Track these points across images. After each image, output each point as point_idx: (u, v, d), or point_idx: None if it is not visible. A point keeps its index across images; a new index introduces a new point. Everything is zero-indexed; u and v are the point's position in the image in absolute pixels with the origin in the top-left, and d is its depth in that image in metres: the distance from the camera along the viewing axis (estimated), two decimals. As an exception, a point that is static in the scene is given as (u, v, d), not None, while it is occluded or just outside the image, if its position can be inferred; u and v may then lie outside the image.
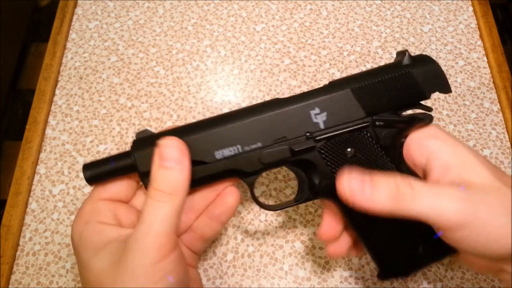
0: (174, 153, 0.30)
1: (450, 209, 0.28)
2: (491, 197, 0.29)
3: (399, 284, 0.42)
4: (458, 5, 0.59)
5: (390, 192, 0.29)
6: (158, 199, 0.29)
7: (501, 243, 0.28)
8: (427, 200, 0.28)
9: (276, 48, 0.56)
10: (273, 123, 0.31)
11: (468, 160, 0.31)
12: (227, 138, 0.31)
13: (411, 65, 0.32)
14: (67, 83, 0.54)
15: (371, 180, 0.29)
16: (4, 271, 0.44)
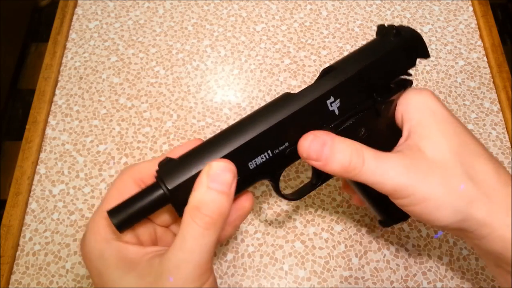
0: (228, 177, 0.28)
1: (389, 180, 0.30)
2: (435, 170, 0.30)
3: (399, 284, 0.43)
4: (458, 5, 0.59)
5: (343, 163, 0.31)
6: (203, 226, 0.27)
7: (435, 218, 0.30)
8: (373, 171, 0.30)
9: (276, 48, 0.56)
10: (295, 122, 0.31)
11: (429, 131, 0.32)
12: (257, 147, 0.31)
13: (398, 38, 0.33)
14: (67, 83, 0.54)
15: (331, 147, 0.31)
16: (4, 271, 0.44)
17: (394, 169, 0.30)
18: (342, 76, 0.32)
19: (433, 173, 0.30)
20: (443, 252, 0.44)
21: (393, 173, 0.30)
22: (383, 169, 0.30)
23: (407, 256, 0.44)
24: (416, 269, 0.43)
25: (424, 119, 0.32)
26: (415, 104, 0.33)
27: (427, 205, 0.30)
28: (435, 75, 0.54)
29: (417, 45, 0.34)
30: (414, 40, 0.34)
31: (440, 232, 0.44)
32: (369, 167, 0.30)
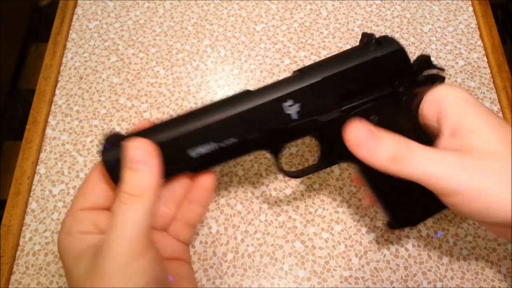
0: (141, 154, 0.30)
1: (443, 175, 0.29)
2: (492, 165, 0.29)
3: (399, 284, 0.42)
4: (458, 5, 0.59)
5: (392, 153, 0.30)
6: (127, 202, 0.29)
7: (499, 211, 0.28)
8: (423, 165, 0.29)
9: (276, 48, 0.56)
10: (246, 119, 0.31)
11: (476, 125, 0.30)
12: (199, 137, 0.31)
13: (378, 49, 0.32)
14: (67, 83, 0.55)
15: (377, 136, 0.30)
16: (4, 271, 0.44)
17: (446, 166, 0.29)
18: (305, 82, 0.31)
19: (489, 167, 0.29)
20: (443, 252, 0.44)
21: (446, 169, 0.29)
22: (434, 164, 0.29)
23: (407, 256, 0.44)
24: (416, 269, 0.43)
25: (468, 114, 0.31)
26: (453, 100, 0.31)
27: (487, 201, 0.28)
28: (435, 75, 0.54)
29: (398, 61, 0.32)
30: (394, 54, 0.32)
31: (440, 232, 0.44)
32: (419, 160, 0.29)
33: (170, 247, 0.36)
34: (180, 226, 0.36)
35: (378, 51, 0.32)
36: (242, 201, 0.47)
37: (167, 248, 0.35)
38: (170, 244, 0.36)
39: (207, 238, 0.45)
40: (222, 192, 0.47)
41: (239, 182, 0.48)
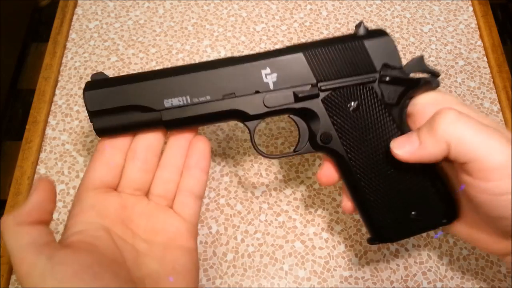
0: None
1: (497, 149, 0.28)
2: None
3: (399, 284, 0.43)
4: (458, 5, 0.59)
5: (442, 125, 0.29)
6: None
7: None
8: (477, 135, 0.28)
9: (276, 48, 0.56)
10: (224, 78, 0.32)
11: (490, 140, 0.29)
12: (177, 88, 0.32)
13: (365, 36, 0.33)
14: (67, 83, 0.54)
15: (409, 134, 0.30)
16: (4, 271, 0.44)
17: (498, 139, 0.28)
18: (286, 53, 0.32)
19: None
20: (443, 252, 0.44)
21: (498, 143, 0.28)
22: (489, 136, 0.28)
23: (407, 256, 0.44)
24: (416, 269, 0.43)
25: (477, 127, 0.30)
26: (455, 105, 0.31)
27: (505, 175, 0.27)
28: (435, 75, 0.54)
29: (385, 51, 0.32)
30: (382, 44, 0.32)
31: (440, 232, 0.44)
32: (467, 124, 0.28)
33: (174, 227, 0.36)
34: (185, 197, 0.36)
35: (364, 37, 0.33)
36: (242, 201, 0.47)
37: (170, 228, 0.35)
38: (174, 223, 0.36)
39: (207, 238, 0.45)
40: (222, 192, 0.47)
41: (239, 182, 0.48)
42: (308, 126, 0.34)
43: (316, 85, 0.32)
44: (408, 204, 0.33)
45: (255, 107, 0.32)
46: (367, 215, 0.34)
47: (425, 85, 0.32)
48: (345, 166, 0.33)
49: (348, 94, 0.32)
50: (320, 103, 0.32)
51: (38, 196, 0.30)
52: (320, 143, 0.33)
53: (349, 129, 0.32)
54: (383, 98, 0.32)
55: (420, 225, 0.33)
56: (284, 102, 0.32)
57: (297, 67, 0.32)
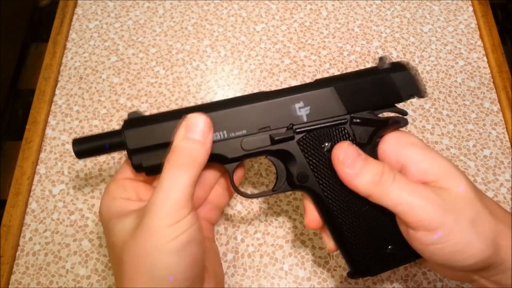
0: (202, 127, 0.31)
1: (420, 208, 0.29)
2: (462, 208, 0.30)
3: (399, 284, 0.42)
4: (458, 5, 0.59)
5: (375, 175, 0.30)
6: (178, 168, 0.30)
7: (463, 255, 0.29)
8: (403, 193, 0.30)
9: (276, 48, 0.56)
10: (260, 113, 0.33)
11: (447, 169, 0.31)
12: (216, 124, 0.33)
13: (388, 69, 0.34)
14: (67, 83, 0.54)
15: (365, 159, 0.31)
16: (4, 271, 0.44)
17: (425, 199, 0.29)
18: (318, 87, 0.34)
19: (462, 209, 0.29)
20: (443, 252, 0.44)
21: (424, 203, 0.29)
22: (413, 195, 0.30)
23: (407, 256, 0.44)
24: (416, 269, 0.43)
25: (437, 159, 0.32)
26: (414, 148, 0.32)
27: (459, 242, 0.29)
28: (435, 75, 0.54)
29: (408, 84, 0.34)
30: (404, 77, 0.34)
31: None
32: (399, 186, 0.30)
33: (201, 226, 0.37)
34: (210, 208, 0.39)
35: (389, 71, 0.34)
36: (242, 201, 0.47)
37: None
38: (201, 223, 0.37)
39: (207, 238, 0.45)
40: (222, 192, 0.47)
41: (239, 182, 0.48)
42: (286, 166, 0.35)
43: (291, 128, 0.33)
44: (384, 239, 0.34)
45: (233, 150, 0.33)
46: (346, 250, 0.35)
47: (394, 125, 0.34)
48: (322, 204, 0.34)
49: (322, 136, 0.34)
50: (296, 145, 0.34)
51: None
52: (298, 183, 0.34)
53: (324, 168, 0.34)
54: (355, 138, 0.33)
55: (396, 259, 0.34)
56: (261, 145, 0.34)
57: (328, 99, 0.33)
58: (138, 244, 0.30)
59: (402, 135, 0.34)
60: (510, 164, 0.48)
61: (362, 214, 0.33)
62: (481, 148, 0.49)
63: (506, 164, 0.48)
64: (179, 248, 0.29)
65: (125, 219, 0.32)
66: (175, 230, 0.30)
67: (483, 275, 0.31)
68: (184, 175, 0.30)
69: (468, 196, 0.30)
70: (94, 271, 0.44)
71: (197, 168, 0.31)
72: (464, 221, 0.29)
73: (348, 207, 0.33)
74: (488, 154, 0.49)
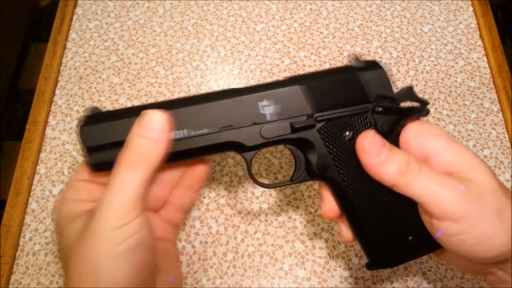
0: (157, 124, 0.30)
1: (446, 198, 0.29)
2: (487, 199, 0.29)
3: (399, 284, 0.42)
4: (458, 5, 0.59)
5: (401, 165, 0.30)
6: (129, 167, 0.29)
7: (487, 247, 0.29)
8: (429, 183, 0.29)
9: (276, 48, 0.56)
10: (221, 111, 0.32)
11: (471, 160, 0.31)
12: (175, 122, 0.32)
13: (360, 68, 0.34)
14: (67, 83, 0.54)
15: (390, 148, 0.31)
16: (4, 271, 0.44)
17: (451, 189, 0.29)
18: (283, 86, 0.33)
19: (487, 199, 0.29)
20: (443, 252, 0.44)
21: (450, 193, 0.29)
22: (439, 185, 0.29)
23: (407, 256, 0.44)
24: (416, 269, 0.43)
25: (462, 150, 0.31)
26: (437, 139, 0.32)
27: (483, 233, 0.28)
28: (435, 75, 0.54)
29: (378, 82, 0.33)
30: (375, 76, 0.33)
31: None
32: (425, 176, 0.29)
33: (161, 228, 0.37)
34: (172, 210, 0.37)
35: (359, 69, 0.33)
36: (242, 201, 0.47)
37: (157, 229, 0.36)
38: (160, 226, 0.37)
39: (207, 238, 0.45)
40: (222, 192, 0.47)
41: (239, 182, 0.48)
42: (305, 156, 0.34)
43: (312, 116, 0.33)
44: (405, 230, 0.33)
45: (252, 138, 0.33)
46: (365, 242, 0.34)
47: (416, 114, 0.34)
48: (342, 194, 0.34)
49: (343, 124, 0.33)
50: (316, 133, 0.33)
51: None
52: (317, 172, 0.34)
53: (345, 158, 0.33)
54: (377, 127, 0.33)
55: (416, 250, 0.34)
56: (281, 133, 0.33)
57: (293, 99, 0.33)
58: (83, 248, 0.29)
59: (425, 125, 0.33)
60: (510, 164, 0.48)
61: (383, 204, 0.33)
62: (481, 148, 0.49)
63: (506, 164, 0.48)
64: (125, 252, 0.28)
65: (74, 221, 0.31)
66: (122, 233, 0.28)
67: (502, 267, 0.31)
68: (135, 175, 0.29)
69: (493, 187, 0.30)
70: (94, 271, 0.44)
71: (149, 167, 0.29)
72: (489, 212, 0.29)
73: (370, 197, 0.33)
74: (488, 154, 0.49)
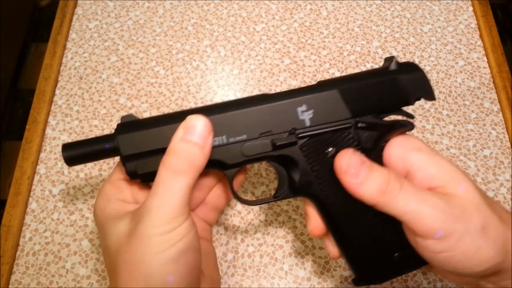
0: (201, 129, 0.30)
1: (429, 216, 0.28)
2: (471, 214, 0.29)
3: (399, 284, 0.42)
4: (458, 5, 0.59)
5: (381, 184, 0.29)
6: (174, 172, 0.29)
7: (473, 262, 0.29)
8: (411, 202, 0.29)
9: (276, 48, 0.56)
10: (260, 117, 0.32)
11: (454, 174, 0.31)
12: (215, 127, 0.31)
13: (398, 71, 0.32)
14: (67, 83, 0.54)
15: (369, 167, 0.30)
16: (4, 271, 0.44)
17: (433, 207, 0.29)
18: (321, 90, 0.32)
19: (471, 215, 0.29)
20: (443, 252, 0.44)
21: (432, 211, 0.28)
22: (421, 203, 0.29)
23: (407, 256, 0.44)
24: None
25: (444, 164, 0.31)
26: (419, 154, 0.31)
27: (469, 249, 0.28)
28: (435, 75, 0.54)
29: (418, 85, 0.32)
30: (415, 78, 0.32)
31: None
32: (406, 194, 0.29)
33: (199, 228, 0.36)
34: (208, 209, 0.38)
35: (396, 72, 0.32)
36: (242, 201, 0.47)
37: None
38: (199, 225, 0.37)
39: (207, 238, 0.45)
40: (222, 192, 0.47)
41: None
42: (288, 172, 0.34)
43: (294, 133, 0.32)
44: (390, 247, 0.33)
45: (233, 156, 0.32)
46: (351, 258, 0.34)
47: (400, 129, 0.33)
48: (326, 211, 0.33)
49: (325, 141, 0.32)
50: (298, 150, 0.32)
51: None
52: (300, 189, 0.33)
53: (328, 175, 0.32)
54: (360, 143, 0.32)
55: (402, 266, 0.33)
56: (262, 150, 0.32)
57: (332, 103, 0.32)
58: (132, 251, 0.29)
59: (407, 139, 0.33)
60: (510, 164, 0.48)
61: (367, 221, 0.32)
62: (481, 148, 0.49)
63: (506, 164, 0.48)
64: (175, 257, 0.29)
65: (120, 221, 0.31)
66: (171, 238, 0.29)
67: (491, 280, 0.31)
68: (181, 180, 0.29)
69: (477, 201, 0.29)
70: (94, 271, 0.44)
71: (194, 172, 0.30)
72: (474, 227, 0.28)
73: (353, 215, 0.32)
74: (488, 154, 0.49)
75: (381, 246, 0.33)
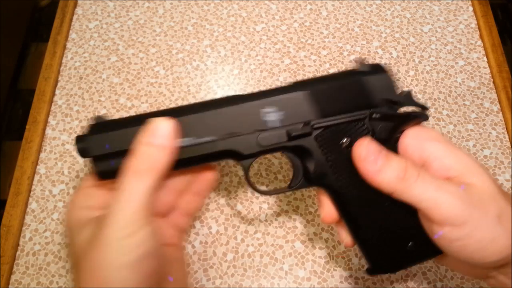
0: (163, 131, 0.30)
1: (446, 203, 0.29)
2: (488, 203, 0.29)
3: (399, 284, 0.42)
4: (458, 5, 0.59)
5: (399, 171, 0.30)
6: (136, 175, 0.29)
7: (488, 252, 0.29)
8: (428, 189, 0.29)
9: (276, 48, 0.56)
10: (225, 119, 0.32)
11: (471, 165, 0.31)
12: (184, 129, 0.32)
13: (364, 72, 0.33)
14: (67, 83, 0.54)
15: (386, 155, 0.30)
16: (4, 271, 0.44)
17: (451, 194, 0.29)
18: (286, 91, 0.32)
19: (488, 204, 0.29)
20: (443, 252, 0.44)
21: (450, 198, 0.29)
22: (439, 191, 0.29)
23: (407, 256, 0.44)
24: (416, 269, 0.43)
25: (461, 154, 0.31)
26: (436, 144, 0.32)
27: (484, 238, 0.28)
28: (435, 75, 0.54)
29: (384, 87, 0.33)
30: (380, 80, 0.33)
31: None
32: (424, 181, 0.29)
33: (168, 234, 0.37)
34: (179, 215, 0.38)
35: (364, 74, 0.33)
36: (242, 201, 0.47)
37: (165, 235, 0.36)
38: (168, 232, 0.37)
39: (207, 238, 0.45)
40: (222, 192, 0.47)
41: (239, 182, 0.48)
42: (303, 163, 0.34)
43: (309, 123, 0.32)
44: (405, 236, 0.33)
45: (249, 146, 0.32)
46: (365, 248, 0.34)
47: (415, 119, 0.33)
48: (341, 201, 0.33)
49: (340, 131, 0.32)
50: (313, 141, 0.33)
51: None
52: (315, 179, 0.33)
53: (343, 165, 0.32)
54: (375, 133, 0.32)
55: (416, 256, 0.33)
56: (278, 141, 0.33)
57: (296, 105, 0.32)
58: (93, 257, 0.29)
59: (423, 130, 0.33)
60: (510, 164, 0.48)
61: (382, 210, 0.32)
62: (481, 148, 0.49)
63: (506, 164, 0.48)
64: (134, 262, 0.28)
65: (84, 228, 0.31)
66: (131, 243, 0.28)
67: (502, 271, 0.30)
68: (142, 183, 0.29)
69: (492, 191, 0.30)
70: (94, 271, 0.44)
71: (155, 175, 0.30)
72: (490, 216, 0.28)
73: (368, 204, 0.33)
74: (488, 154, 0.49)
75: (396, 235, 0.33)
